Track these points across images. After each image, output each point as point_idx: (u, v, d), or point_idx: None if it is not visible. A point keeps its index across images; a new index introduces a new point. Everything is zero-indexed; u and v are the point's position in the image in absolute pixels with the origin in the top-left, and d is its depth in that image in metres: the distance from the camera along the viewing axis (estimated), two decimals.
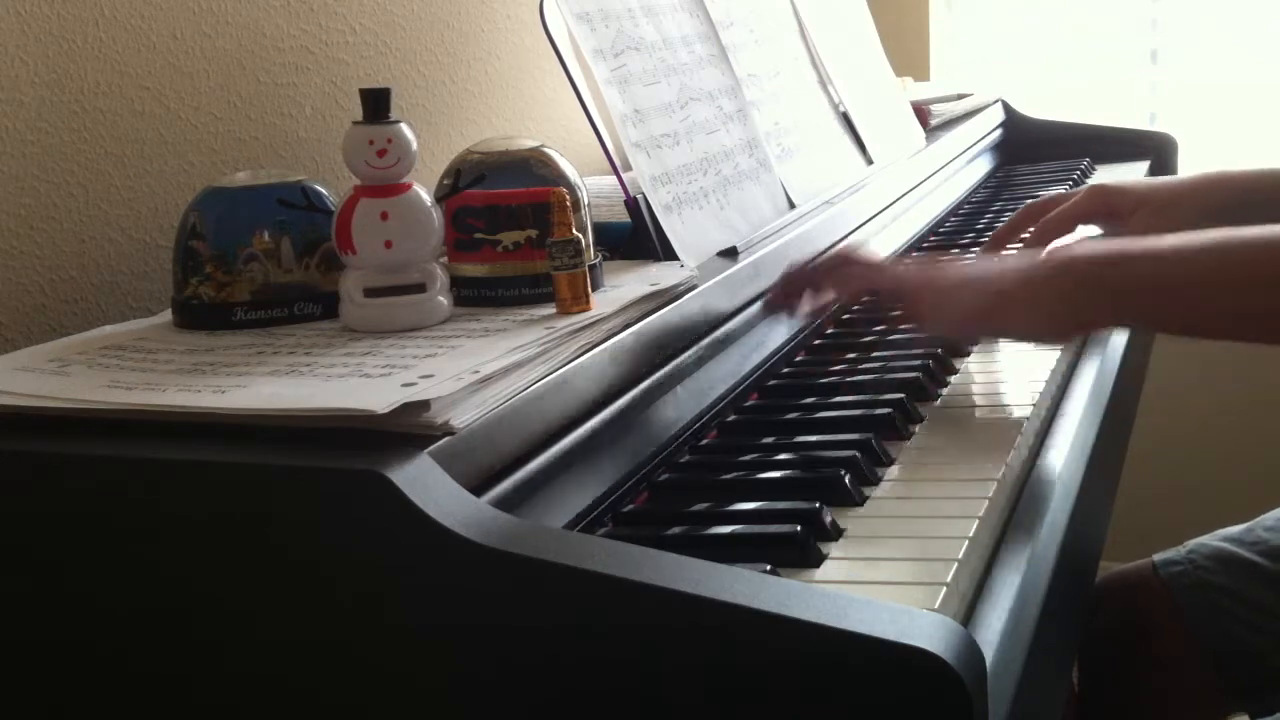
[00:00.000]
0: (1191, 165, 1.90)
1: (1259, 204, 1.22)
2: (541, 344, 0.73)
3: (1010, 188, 1.73)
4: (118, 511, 0.64)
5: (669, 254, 0.96)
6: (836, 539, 0.69)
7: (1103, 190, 1.19)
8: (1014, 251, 0.98)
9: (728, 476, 0.78)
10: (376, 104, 0.80)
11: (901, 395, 0.88)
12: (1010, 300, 0.88)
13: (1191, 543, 1.23)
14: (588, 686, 0.55)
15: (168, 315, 0.88)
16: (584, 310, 0.79)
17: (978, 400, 0.92)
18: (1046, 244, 1.18)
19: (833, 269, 1.00)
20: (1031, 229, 1.19)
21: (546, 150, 0.88)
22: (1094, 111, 2.07)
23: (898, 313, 1.03)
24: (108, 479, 0.64)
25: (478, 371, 0.67)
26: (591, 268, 0.83)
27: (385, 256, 0.79)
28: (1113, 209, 1.18)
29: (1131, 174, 1.77)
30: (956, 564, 0.64)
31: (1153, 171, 1.82)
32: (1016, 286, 0.88)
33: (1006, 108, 1.95)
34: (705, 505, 0.74)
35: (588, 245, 0.84)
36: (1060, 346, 0.97)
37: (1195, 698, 1.19)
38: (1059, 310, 0.87)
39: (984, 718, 0.52)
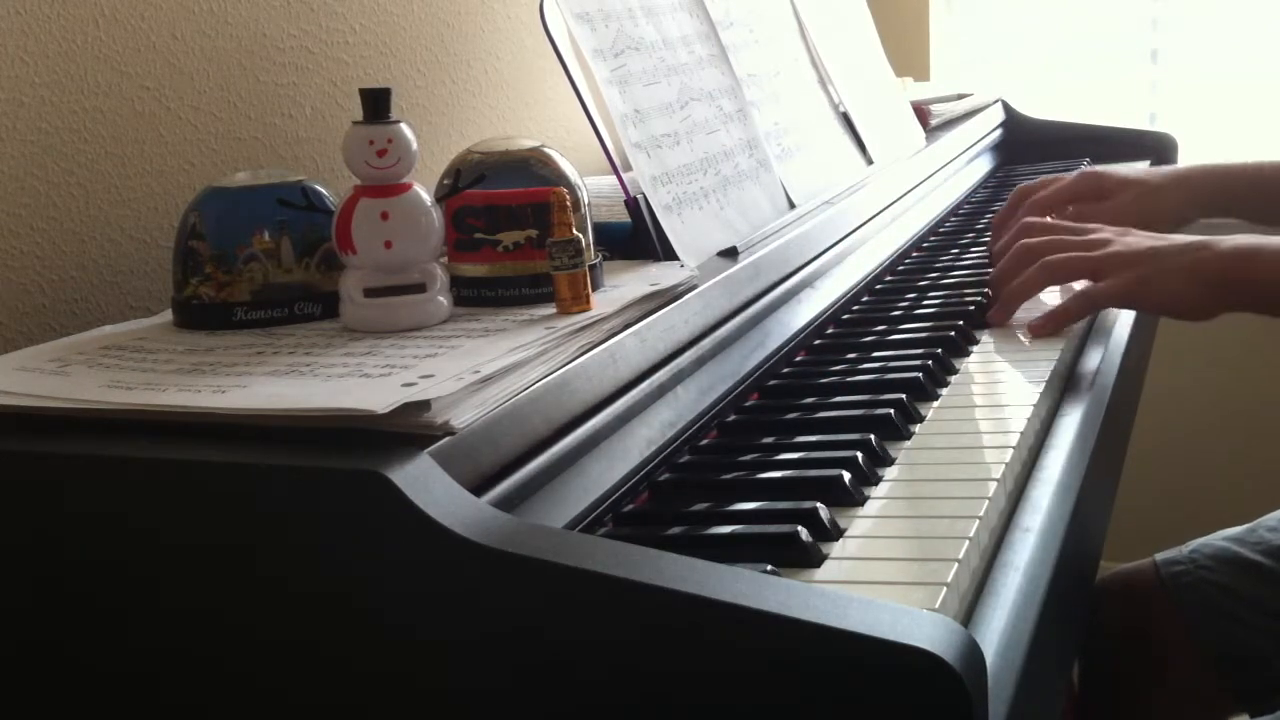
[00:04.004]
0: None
1: (1242, 195, 1.24)
2: (541, 344, 0.73)
3: (1010, 187, 1.73)
4: (117, 511, 0.64)
5: (669, 254, 0.96)
6: (836, 539, 0.69)
7: (1093, 173, 1.26)
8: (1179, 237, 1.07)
9: (728, 476, 0.78)
10: (376, 104, 0.80)
11: (901, 395, 0.88)
12: (1163, 282, 1.00)
13: (1193, 543, 1.23)
14: (588, 687, 0.55)
15: (168, 315, 0.88)
16: (584, 310, 0.79)
17: (978, 400, 0.92)
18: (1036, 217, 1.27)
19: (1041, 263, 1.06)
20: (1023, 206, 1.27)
21: (546, 150, 0.88)
22: (1094, 111, 2.07)
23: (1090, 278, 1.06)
24: (108, 479, 0.64)
25: (478, 371, 0.67)
26: (591, 268, 0.83)
27: (385, 256, 0.79)
28: (1100, 191, 1.24)
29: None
30: (956, 564, 0.64)
31: None
32: (1175, 269, 1.00)
33: (1006, 108, 1.95)
34: (705, 505, 0.74)
35: (588, 245, 0.84)
36: (1198, 322, 1.04)
37: (1196, 698, 1.19)
38: (1200, 296, 0.99)
39: (984, 718, 0.52)
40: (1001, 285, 1.10)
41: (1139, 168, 1.32)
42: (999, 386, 0.95)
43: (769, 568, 0.62)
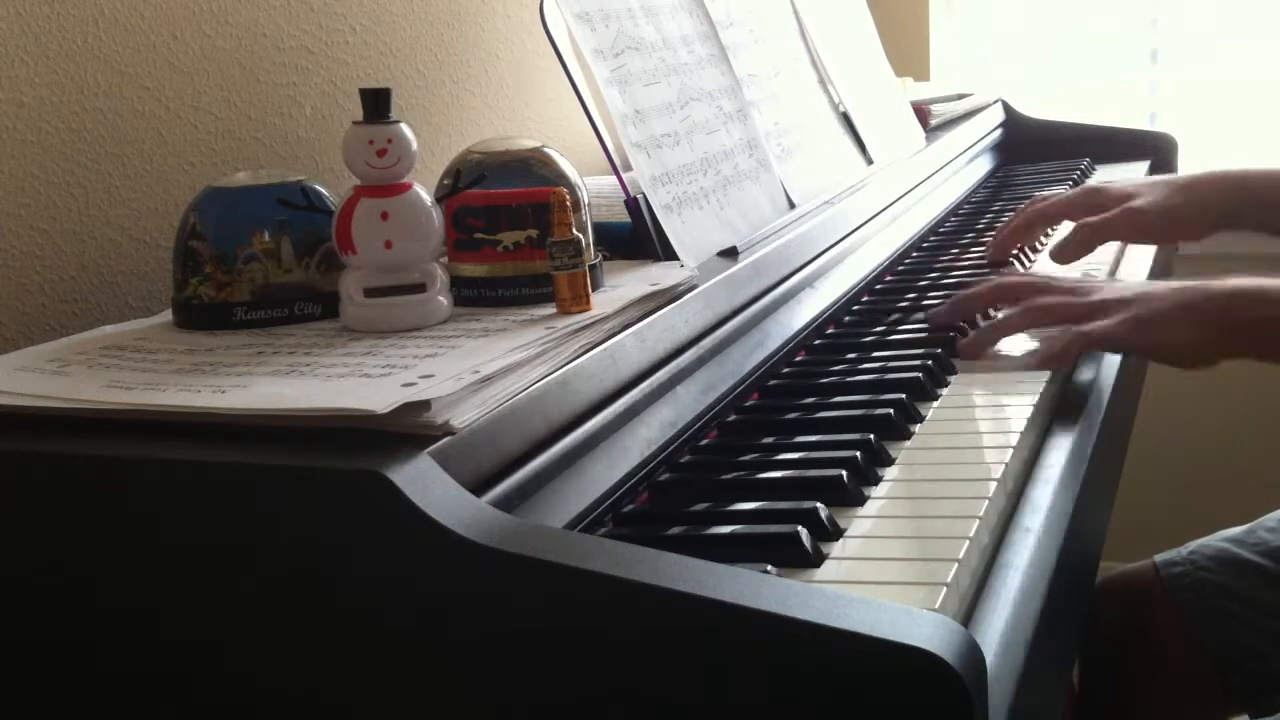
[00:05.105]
0: (1192, 165, 1.90)
1: (1259, 202, 1.22)
2: (541, 344, 0.73)
3: (1010, 188, 1.73)
4: (117, 511, 0.64)
5: (669, 254, 0.96)
6: (836, 539, 0.69)
7: (1092, 189, 1.24)
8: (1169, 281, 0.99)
9: (728, 476, 0.78)
10: (376, 104, 0.80)
11: (901, 395, 0.88)
12: (1158, 322, 0.93)
13: (1193, 543, 1.23)
14: (587, 687, 0.55)
15: (168, 315, 0.88)
16: (584, 310, 0.79)
17: (978, 400, 0.92)
18: (1033, 236, 1.28)
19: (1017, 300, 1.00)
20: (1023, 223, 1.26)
21: (546, 150, 0.88)
22: (1094, 111, 2.07)
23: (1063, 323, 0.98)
24: (108, 479, 0.64)
25: (478, 371, 0.67)
26: (591, 268, 0.83)
27: (385, 256, 0.79)
28: (1098, 206, 1.21)
29: (1131, 174, 1.77)
30: (956, 564, 0.64)
31: (1152, 171, 1.82)
32: (1169, 308, 0.93)
33: (1006, 108, 1.95)
34: (705, 505, 0.74)
35: (588, 245, 0.84)
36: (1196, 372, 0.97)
37: (1195, 698, 1.19)
38: (1197, 337, 0.93)
39: (984, 718, 0.52)
40: (967, 308, 1.05)
41: (1140, 178, 1.29)
42: (999, 387, 0.95)
43: (769, 568, 0.62)
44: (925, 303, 1.14)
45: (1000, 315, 1.01)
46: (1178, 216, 1.20)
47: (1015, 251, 1.27)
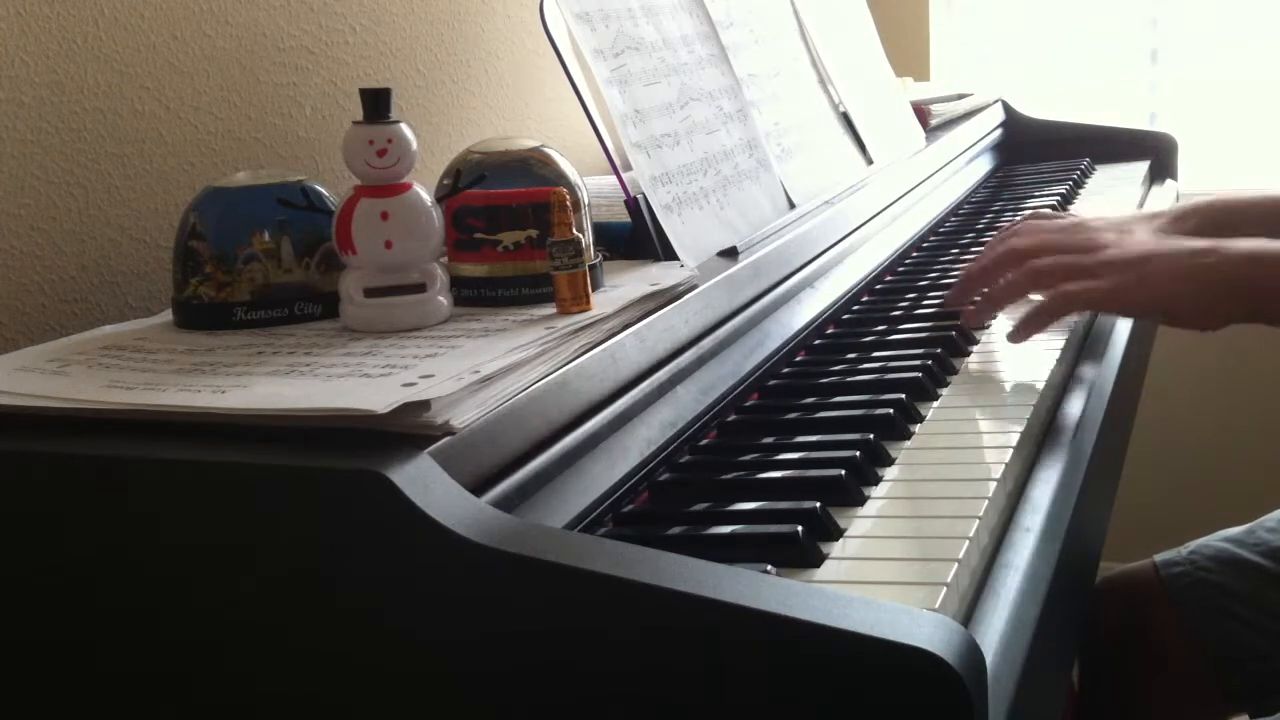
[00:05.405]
0: (1191, 165, 1.91)
1: (1249, 220, 1.22)
2: (541, 344, 0.73)
3: (1010, 188, 1.73)
4: (117, 511, 0.64)
5: (669, 254, 0.96)
6: (836, 539, 0.69)
7: (1088, 237, 1.20)
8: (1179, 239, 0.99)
9: (728, 476, 0.78)
10: (376, 104, 0.80)
11: (901, 395, 0.88)
12: (1161, 286, 0.93)
13: (1192, 543, 1.23)
14: (587, 687, 0.55)
15: (168, 315, 0.88)
16: (584, 310, 0.79)
17: (978, 400, 0.92)
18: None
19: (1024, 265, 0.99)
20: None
21: (546, 150, 0.88)
22: (1094, 111, 2.07)
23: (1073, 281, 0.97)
24: (108, 479, 0.64)
25: (478, 371, 0.67)
26: (591, 268, 0.83)
27: (385, 256, 0.79)
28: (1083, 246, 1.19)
29: (1131, 174, 1.77)
30: (956, 564, 0.64)
31: (1152, 171, 1.82)
32: (1174, 277, 0.93)
33: (1006, 108, 1.95)
34: (705, 505, 0.74)
35: (588, 245, 0.84)
36: (1200, 331, 0.97)
37: (1195, 698, 1.19)
38: (1206, 303, 0.92)
39: (984, 718, 0.52)
40: (975, 282, 1.04)
41: (1129, 214, 1.26)
42: (999, 386, 0.95)
43: (769, 568, 0.62)
44: (925, 303, 1.15)
45: (1001, 281, 1.00)
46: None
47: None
